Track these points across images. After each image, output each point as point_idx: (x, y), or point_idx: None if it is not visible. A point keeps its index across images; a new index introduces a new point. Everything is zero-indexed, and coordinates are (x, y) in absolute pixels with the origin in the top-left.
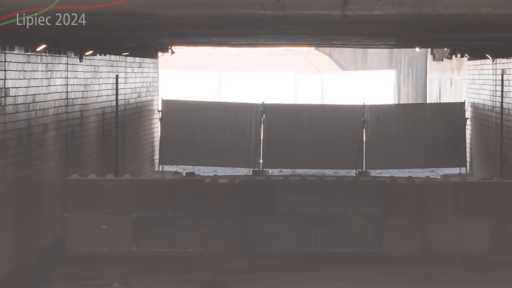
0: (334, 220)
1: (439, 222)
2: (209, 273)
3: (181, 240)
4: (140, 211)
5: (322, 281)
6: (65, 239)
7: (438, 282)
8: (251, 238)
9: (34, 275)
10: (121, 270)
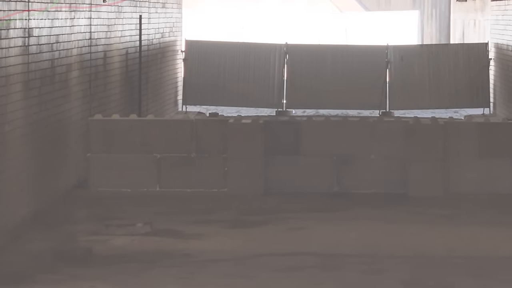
0: (357, 160)
1: (462, 163)
2: (232, 213)
3: (205, 181)
4: (164, 152)
5: (345, 221)
6: (89, 179)
7: (462, 222)
8: (275, 178)
9: (58, 215)
10: (145, 210)
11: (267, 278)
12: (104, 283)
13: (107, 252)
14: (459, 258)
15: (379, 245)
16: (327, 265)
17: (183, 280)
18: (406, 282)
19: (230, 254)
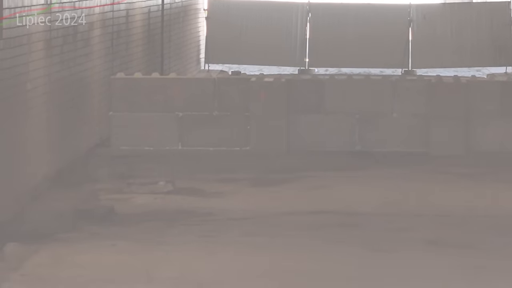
0: (380, 119)
1: (485, 122)
2: (254, 172)
3: (227, 139)
4: (186, 110)
5: (368, 180)
6: (111, 138)
7: (484, 181)
8: (297, 137)
9: (79, 174)
10: (167, 169)
11: (289, 237)
12: (126, 242)
13: (129, 211)
14: (481, 216)
15: (401, 204)
16: (349, 224)
17: (204, 238)
18: (428, 240)
19: (252, 213)
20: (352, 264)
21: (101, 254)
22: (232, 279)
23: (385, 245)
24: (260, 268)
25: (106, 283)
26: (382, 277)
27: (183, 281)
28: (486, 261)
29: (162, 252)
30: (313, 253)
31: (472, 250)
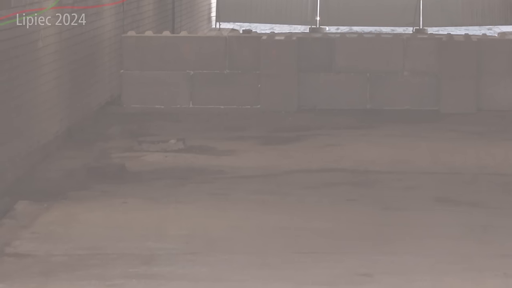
0: (390, 77)
1: (495, 80)
2: (265, 130)
3: (238, 97)
4: (197, 68)
5: (378, 138)
6: (122, 96)
7: (495, 139)
8: (308, 95)
9: (90, 132)
10: (178, 127)
11: (299, 195)
12: (137, 199)
13: (139, 169)
14: (491, 174)
15: (412, 162)
16: (359, 182)
17: (215, 196)
18: (438, 198)
19: (262, 171)
20: (363, 223)
21: (112, 212)
22: (243, 236)
23: (396, 204)
24: (270, 226)
25: (117, 240)
26: (393, 236)
27: (194, 238)
28: (496, 220)
29: (173, 210)
30: (324, 212)
31: (482, 209)
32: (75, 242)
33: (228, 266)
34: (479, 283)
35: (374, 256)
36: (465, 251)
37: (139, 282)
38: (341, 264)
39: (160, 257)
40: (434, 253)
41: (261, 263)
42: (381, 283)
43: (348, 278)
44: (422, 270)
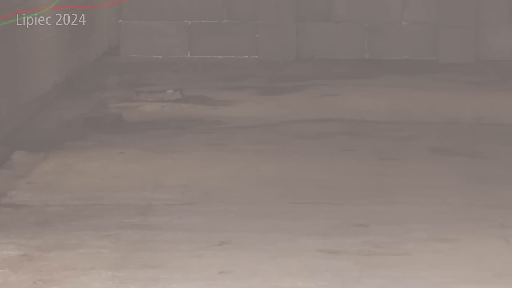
0: (389, 27)
1: (494, 30)
2: (263, 80)
3: (236, 47)
4: (195, 18)
5: (376, 88)
6: (120, 46)
7: (493, 89)
8: (306, 45)
9: (89, 81)
10: (176, 76)
11: (297, 145)
12: (134, 149)
13: (137, 119)
14: (489, 125)
15: (409, 112)
16: (357, 132)
17: (212, 146)
18: (435, 148)
19: (260, 121)
20: (360, 173)
21: (109, 162)
22: (239, 186)
23: (393, 154)
24: (267, 176)
25: (113, 191)
26: (391, 186)
27: (190, 189)
28: (493, 170)
29: (170, 160)
30: (321, 162)
31: (479, 159)
32: (71, 193)
33: (224, 216)
34: (475, 233)
35: (370, 207)
36: (462, 201)
37: (135, 233)
38: (337, 215)
39: (156, 207)
40: (430, 203)
41: (257, 213)
42: (377, 233)
43: (344, 229)
44: (418, 220)
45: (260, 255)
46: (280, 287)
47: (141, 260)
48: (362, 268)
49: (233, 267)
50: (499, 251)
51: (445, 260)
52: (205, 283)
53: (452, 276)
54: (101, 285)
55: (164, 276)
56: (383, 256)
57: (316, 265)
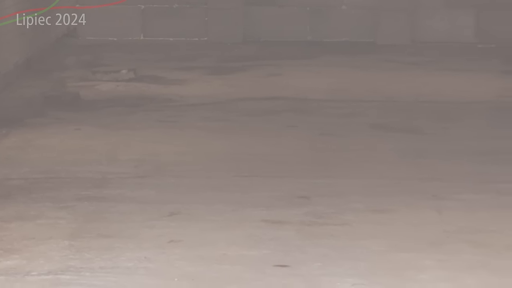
0: (330, 11)
1: (429, 14)
2: (213, 60)
3: (186, 30)
4: (148, 3)
5: (318, 68)
6: (78, 28)
7: (429, 69)
8: (253, 28)
9: (49, 62)
10: (130, 57)
11: (243, 121)
12: (90, 126)
13: (93, 97)
14: (425, 102)
15: (349, 90)
16: (300, 109)
17: (164, 123)
18: (374, 125)
19: (209, 99)
20: (304, 148)
21: (66, 137)
22: (190, 160)
23: (335, 130)
24: (216, 151)
25: (71, 164)
26: (332, 160)
27: (143, 163)
28: (428, 145)
29: (124, 136)
30: (267, 137)
31: (415, 135)
32: (31, 167)
33: (174, 189)
34: (410, 204)
35: (312, 180)
36: (398, 175)
37: (91, 204)
38: (280, 187)
39: (111, 180)
40: (368, 176)
41: (205, 186)
42: (317, 204)
43: (287, 201)
44: (357, 192)
45: (208, 225)
46: (227, 255)
47: (96, 230)
48: (304, 237)
49: (183, 237)
50: (432, 221)
51: (382, 230)
52: (156, 251)
53: (388, 244)
54: (58, 253)
55: (118, 245)
56: (324, 226)
57: (261, 234)
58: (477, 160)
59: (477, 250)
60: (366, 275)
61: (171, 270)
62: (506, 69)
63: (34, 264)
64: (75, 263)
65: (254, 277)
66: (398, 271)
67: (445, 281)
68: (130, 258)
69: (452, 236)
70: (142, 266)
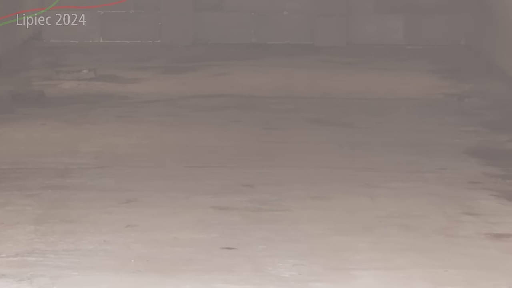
0: (272, 16)
1: (362, 18)
2: (166, 61)
3: (142, 33)
4: (106, 8)
5: (262, 68)
6: (42, 32)
7: (362, 68)
8: (202, 31)
9: (16, 62)
10: (90, 58)
11: (193, 116)
12: (54, 121)
13: (57, 95)
14: (358, 99)
15: (290, 88)
16: (245, 105)
17: (121, 118)
18: (313, 119)
19: (162, 96)
20: (248, 140)
21: (32, 131)
22: (144, 152)
23: (277, 124)
24: (168, 143)
25: (37, 156)
26: (274, 151)
27: (103, 154)
28: (362, 137)
29: (85, 130)
30: (216, 130)
31: (350, 128)
32: (0, 158)
33: (131, 178)
34: (345, 191)
35: (257, 169)
36: (335, 164)
37: (54, 192)
38: (228, 177)
39: (73, 170)
40: (308, 166)
41: (159, 175)
42: (261, 192)
43: (234, 188)
44: (297, 180)
45: (161, 211)
46: (178, 238)
47: (59, 216)
48: (249, 222)
49: (139, 222)
50: (365, 207)
51: (320, 215)
52: (114, 235)
53: (326, 228)
54: (25, 237)
55: (79, 230)
56: (267, 212)
57: (209, 219)
58: (406, 151)
59: (406, 233)
60: (305, 256)
61: (128, 252)
62: (432, 68)
63: (3, 247)
64: (40, 246)
65: (203, 258)
66: (335, 252)
67: (378, 261)
68: (90, 241)
69: (383, 221)
70: (101, 248)
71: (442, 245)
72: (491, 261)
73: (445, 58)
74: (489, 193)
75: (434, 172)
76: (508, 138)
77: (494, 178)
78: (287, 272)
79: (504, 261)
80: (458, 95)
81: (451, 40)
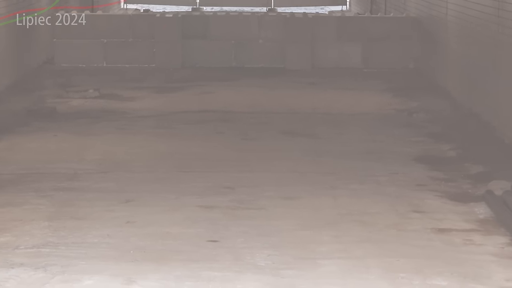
0: (249, 43)
1: (325, 46)
2: (159, 81)
3: (138, 58)
4: (109, 37)
5: (241, 88)
6: (55, 57)
7: (325, 88)
8: (189, 56)
9: (31, 83)
10: (95, 80)
11: (182, 128)
12: (64, 132)
13: (67, 110)
14: (322, 114)
15: (264, 105)
16: (226, 119)
17: (120, 130)
18: (283, 131)
19: (155, 111)
20: (229, 149)
21: (45, 142)
22: (141, 158)
23: (252, 135)
24: (160, 151)
25: (49, 162)
26: (251, 158)
27: (105, 161)
28: (325, 146)
29: (90, 141)
30: (201, 140)
31: (315, 139)
32: (18, 165)
33: (129, 181)
34: (312, 193)
35: (236, 174)
36: (302, 170)
37: (65, 193)
38: (211, 180)
39: (80, 175)
40: (279, 170)
41: (153, 179)
42: (240, 193)
43: (216, 190)
44: (270, 183)
45: (155, 209)
46: (170, 232)
47: (69, 213)
48: (229, 219)
49: (136, 218)
50: (329, 206)
51: (290, 213)
52: (116, 229)
53: (296, 224)
54: (40, 232)
55: (86, 225)
56: (245, 210)
57: (196, 216)
58: (363, 158)
59: (363, 228)
60: (278, 247)
61: (127, 244)
62: (385, 88)
63: (21, 240)
64: (53, 239)
65: (191, 249)
66: (303, 244)
67: (339, 252)
68: (95, 235)
69: (344, 217)
70: (105, 241)
71: (394, 238)
72: (435, 252)
73: (396, 79)
74: (434, 193)
75: (386, 176)
76: (449, 147)
77: (438, 181)
78: (262, 261)
79: (447, 252)
80: (407, 110)
81: (401, 64)
